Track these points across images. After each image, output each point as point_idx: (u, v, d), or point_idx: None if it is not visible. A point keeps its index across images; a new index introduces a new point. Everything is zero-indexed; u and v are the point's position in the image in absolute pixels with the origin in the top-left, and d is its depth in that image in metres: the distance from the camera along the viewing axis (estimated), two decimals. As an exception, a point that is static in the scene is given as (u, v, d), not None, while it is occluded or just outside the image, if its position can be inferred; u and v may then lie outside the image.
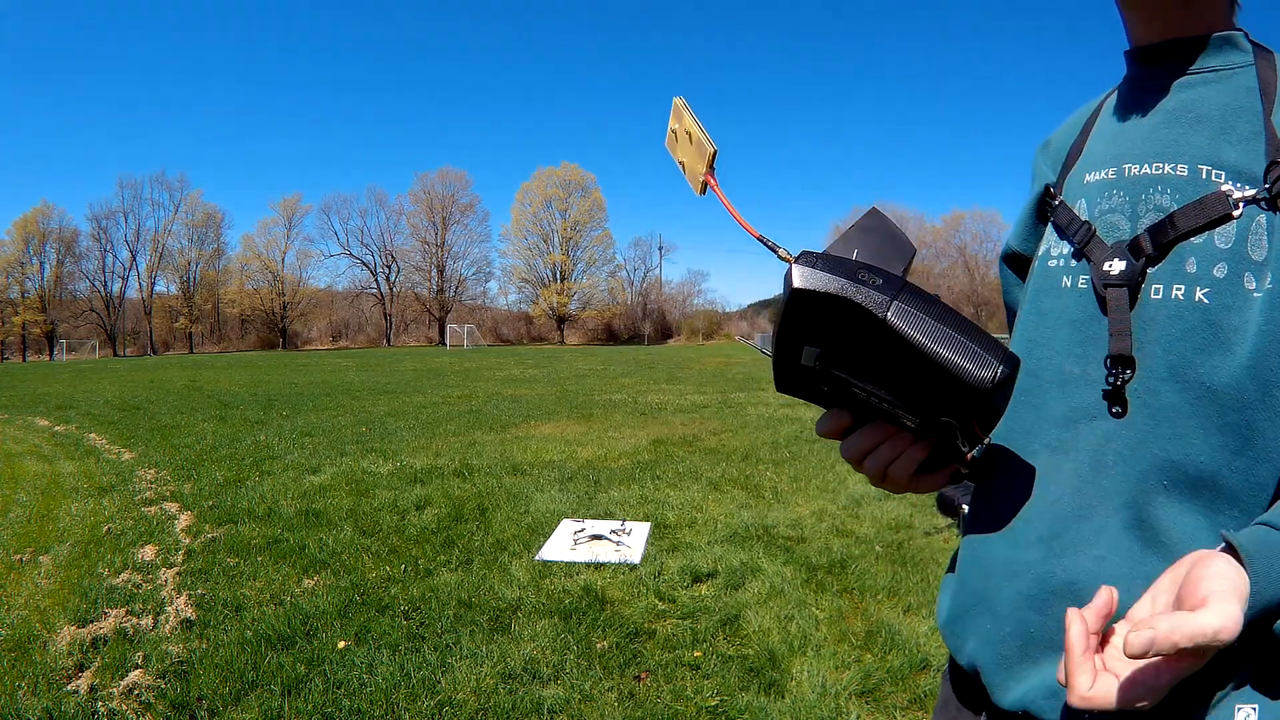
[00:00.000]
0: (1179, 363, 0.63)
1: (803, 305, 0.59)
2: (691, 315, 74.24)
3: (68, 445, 7.83)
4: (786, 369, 0.65)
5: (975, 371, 0.57)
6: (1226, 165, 0.65)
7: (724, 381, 16.11)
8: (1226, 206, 0.63)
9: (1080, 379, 0.69)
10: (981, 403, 0.58)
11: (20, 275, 54.81)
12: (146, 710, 2.34)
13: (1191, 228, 0.64)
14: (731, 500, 5.04)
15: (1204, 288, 0.63)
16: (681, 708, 2.36)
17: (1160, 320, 0.65)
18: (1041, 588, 0.66)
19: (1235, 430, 0.61)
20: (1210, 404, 0.61)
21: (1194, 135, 0.68)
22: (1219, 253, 0.63)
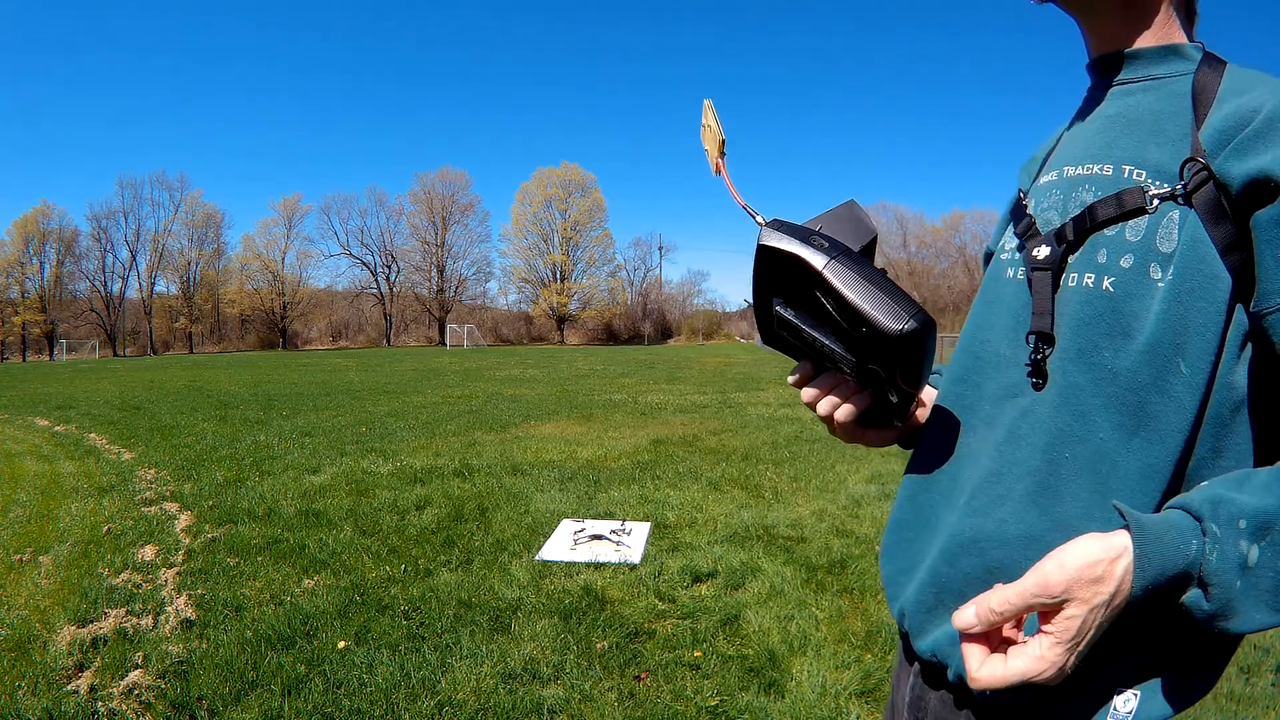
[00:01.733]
0: (1085, 345, 0.68)
1: (765, 260, 0.72)
2: (691, 315, 74.22)
3: (68, 445, 7.82)
4: (764, 320, 0.77)
5: (886, 320, 0.66)
6: (1149, 164, 0.69)
7: (724, 381, 16.11)
8: (1142, 201, 0.67)
9: (1010, 360, 0.74)
10: (894, 350, 0.67)
11: (20, 275, 54.78)
12: (146, 710, 2.34)
13: (1107, 218, 0.69)
14: (731, 500, 5.04)
15: (1111, 276, 0.67)
16: (681, 708, 2.36)
17: (1072, 305, 0.69)
18: (953, 543, 0.72)
19: (1132, 412, 0.65)
20: (1110, 386, 0.66)
21: (1124, 138, 0.73)
22: (1128, 245, 0.67)
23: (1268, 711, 2.37)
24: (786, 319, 0.74)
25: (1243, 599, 0.55)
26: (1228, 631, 0.56)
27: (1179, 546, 0.57)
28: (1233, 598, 0.55)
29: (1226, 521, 0.56)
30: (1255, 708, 2.38)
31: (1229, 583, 0.55)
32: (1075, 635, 0.57)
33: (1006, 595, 0.59)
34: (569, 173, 66.13)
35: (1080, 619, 0.57)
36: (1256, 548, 0.55)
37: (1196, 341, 0.63)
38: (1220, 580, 0.55)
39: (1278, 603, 0.55)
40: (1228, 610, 0.56)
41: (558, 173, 66.09)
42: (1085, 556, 0.57)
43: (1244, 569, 0.55)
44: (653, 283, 73.14)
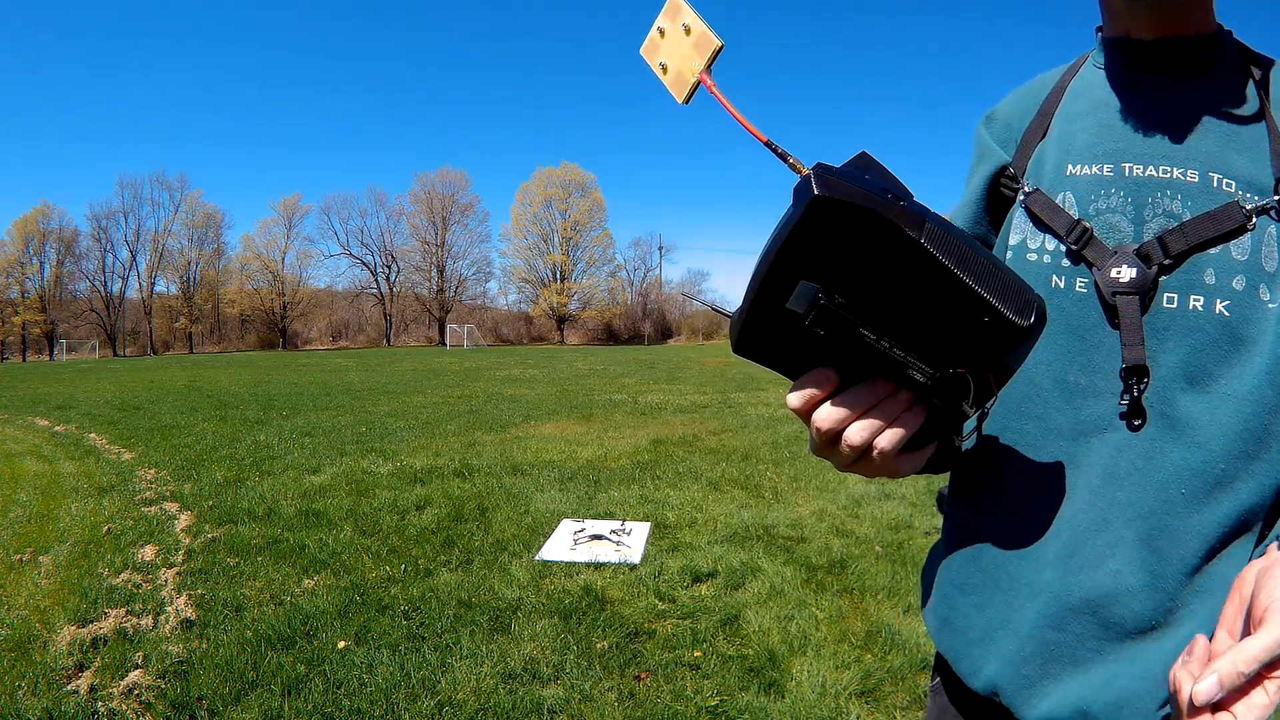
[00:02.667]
0: (1198, 373, 0.62)
1: (819, 221, 0.48)
2: (691, 315, 74.20)
3: (68, 445, 7.82)
4: (761, 316, 0.54)
5: (1015, 308, 0.50)
6: (1236, 174, 0.64)
7: (724, 381, 16.10)
8: (1241, 218, 0.62)
9: (1088, 390, 0.66)
10: (1008, 344, 0.52)
11: (20, 275, 54.81)
12: (146, 710, 2.34)
13: (1207, 238, 0.63)
14: (731, 500, 5.04)
15: (1224, 300, 0.62)
16: (681, 708, 2.36)
17: (1177, 330, 0.63)
18: (1060, 606, 0.65)
19: (1255, 435, 0.61)
20: (1232, 411, 0.61)
21: (1201, 140, 0.66)
22: (1237, 265, 0.62)
23: (1268, 711, 2.37)
24: (835, 312, 0.51)
25: None
26: None
27: None
28: None
29: None
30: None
31: None
32: None
33: (1252, 653, 0.46)
34: (569, 173, 66.17)
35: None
36: None
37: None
38: None
39: None
40: None
41: (558, 173, 66.12)
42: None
43: None
44: (652, 283, 73.17)
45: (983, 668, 0.70)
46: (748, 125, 0.59)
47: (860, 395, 0.56)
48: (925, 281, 0.50)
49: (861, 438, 0.57)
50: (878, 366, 0.55)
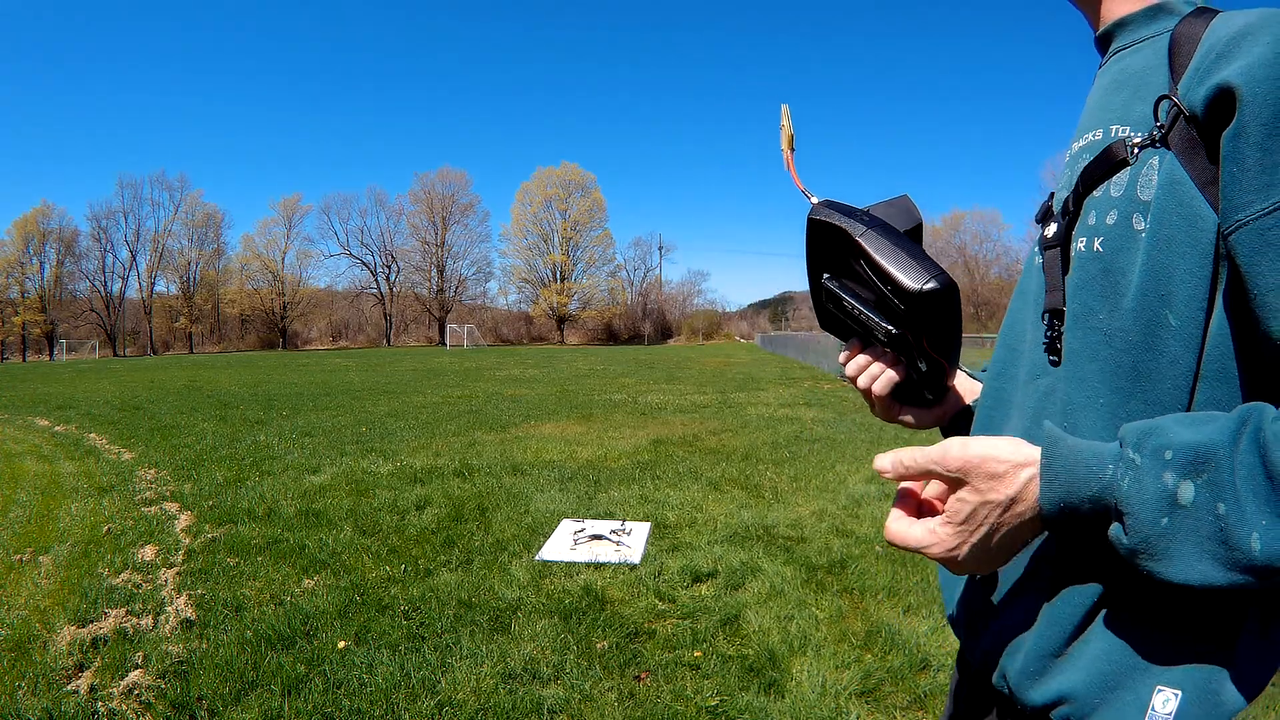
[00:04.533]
0: (1081, 310, 0.66)
1: (814, 233, 0.78)
2: (691, 315, 74.21)
3: (68, 445, 7.82)
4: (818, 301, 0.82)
5: (907, 278, 0.70)
6: (1133, 119, 0.66)
7: (724, 381, 16.10)
8: (1124, 153, 0.65)
9: (1034, 341, 0.73)
10: (918, 310, 0.71)
11: (20, 275, 54.82)
12: (146, 710, 2.34)
13: (1095, 180, 0.67)
14: (731, 500, 5.04)
15: (1100, 236, 0.65)
16: (681, 708, 2.36)
17: (1072, 274, 0.68)
18: None
19: (1126, 373, 0.63)
20: (1105, 349, 0.64)
21: (1113, 100, 0.71)
22: (1113, 200, 0.65)
23: (1268, 712, 2.36)
24: (831, 290, 0.78)
25: (1173, 541, 0.51)
26: (1165, 577, 0.52)
27: (1092, 468, 0.55)
28: (1156, 535, 0.52)
29: (1151, 451, 0.53)
30: (1255, 708, 2.38)
31: (1148, 518, 0.52)
32: (965, 522, 0.59)
33: (915, 454, 0.62)
34: (569, 173, 66.18)
35: (971, 507, 0.59)
36: (1191, 485, 0.51)
37: (1183, 289, 0.59)
38: (1136, 512, 0.52)
39: (1224, 555, 0.50)
40: (1152, 550, 0.52)
41: (558, 173, 66.13)
42: (991, 449, 0.59)
43: (1171, 505, 0.51)
44: (652, 283, 73.14)
45: (948, 606, 0.81)
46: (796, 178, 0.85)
47: (866, 356, 0.80)
48: (865, 263, 0.73)
49: (863, 383, 0.81)
50: (865, 331, 0.78)
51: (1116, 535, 0.54)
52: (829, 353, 18.06)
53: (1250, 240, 0.55)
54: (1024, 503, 0.58)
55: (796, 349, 26.14)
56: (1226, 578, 0.50)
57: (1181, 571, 0.52)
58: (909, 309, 0.71)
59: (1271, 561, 0.48)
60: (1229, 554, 0.50)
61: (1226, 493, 0.50)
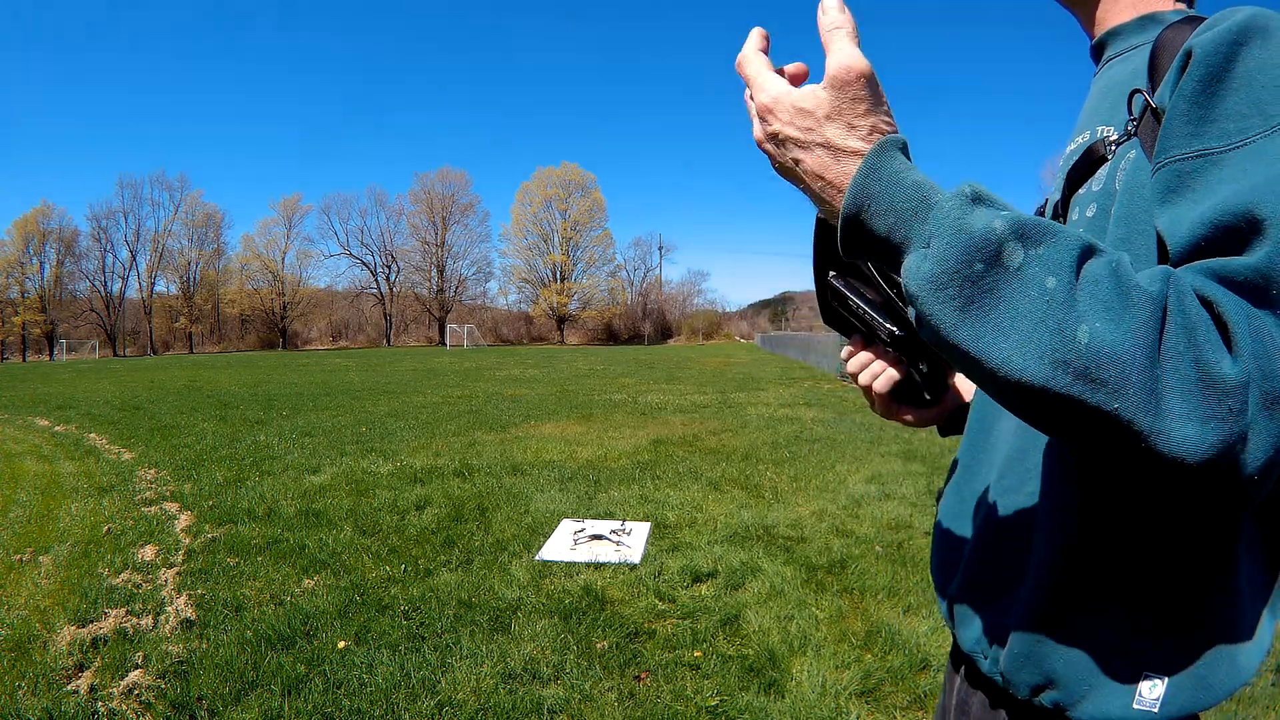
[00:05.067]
0: None
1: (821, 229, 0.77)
2: (691, 315, 74.22)
3: (68, 445, 7.82)
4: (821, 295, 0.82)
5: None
6: (1116, 121, 0.68)
7: (724, 381, 16.10)
8: (1101, 151, 0.67)
9: None
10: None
11: (20, 275, 54.82)
12: (146, 710, 2.34)
13: (1079, 178, 0.69)
14: (731, 500, 5.04)
15: (1081, 229, 0.66)
16: (681, 708, 2.36)
17: None
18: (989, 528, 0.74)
19: None
20: None
21: (1101, 105, 0.73)
22: (1092, 195, 0.66)
23: (1268, 712, 2.37)
24: (836, 287, 0.78)
25: (985, 298, 0.47)
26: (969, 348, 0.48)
27: (922, 187, 0.51)
28: (963, 281, 0.47)
29: (991, 203, 0.50)
30: (1255, 708, 2.38)
31: (960, 251, 0.47)
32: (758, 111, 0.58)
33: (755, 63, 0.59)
34: (569, 173, 66.17)
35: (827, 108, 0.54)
36: (1020, 249, 0.47)
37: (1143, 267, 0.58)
38: (948, 238, 0.48)
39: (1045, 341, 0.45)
40: (955, 299, 0.47)
41: (558, 173, 66.12)
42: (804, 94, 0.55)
43: (994, 256, 0.47)
44: (652, 283, 73.15)
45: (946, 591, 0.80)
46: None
47: (869, 354, 0.79)
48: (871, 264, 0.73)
49: (864, 380, 0.79)
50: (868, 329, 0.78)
51: (915, 267, 0.49)
52: (829, 353, 18.06)
53: (1164, 179, 0.55)
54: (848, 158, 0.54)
55: (796, 349, 26.15)
56: (1041, 370, 0.45)
57: (990, 343, 0.47)
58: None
59: (1097, 357, 0.44)
60: (1051, 339, 0.45)
61: (1062, 272, 0.46)
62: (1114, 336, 0.44)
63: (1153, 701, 0.61)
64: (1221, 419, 0.44)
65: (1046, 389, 0.46)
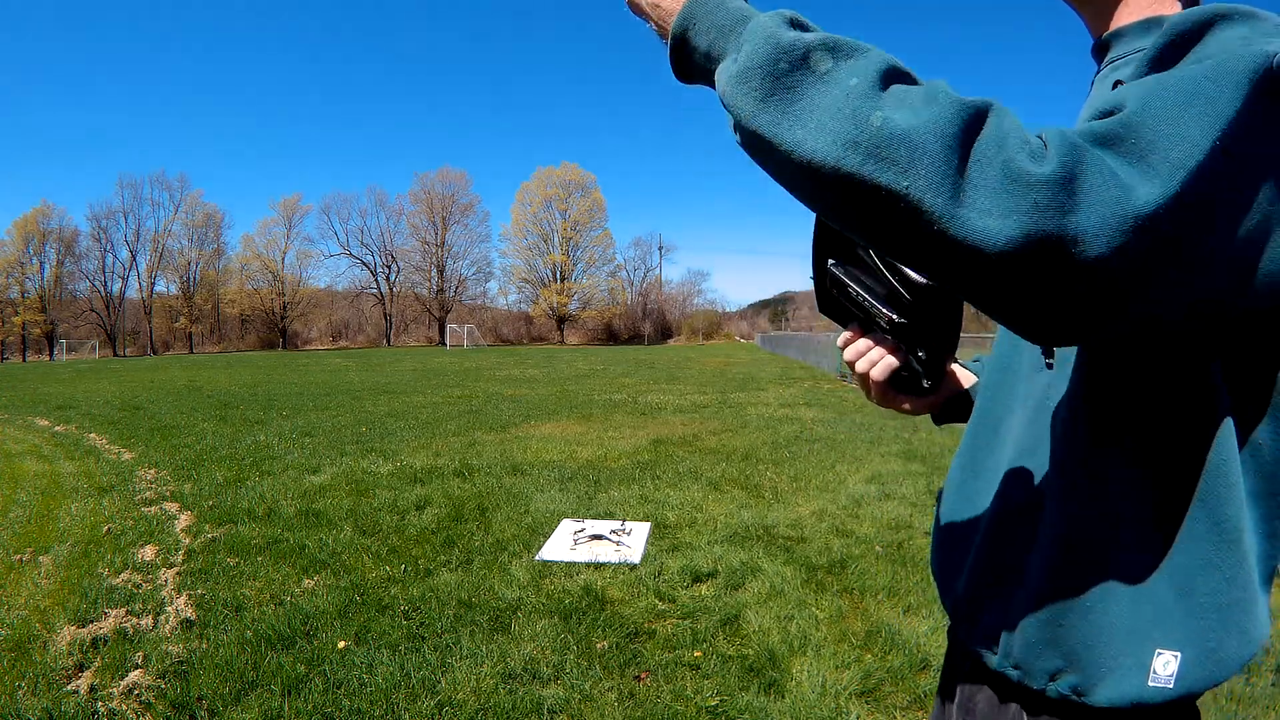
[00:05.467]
0: None
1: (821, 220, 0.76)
2: (691, 315, 74.20)
3: (68, 445, 7.82)
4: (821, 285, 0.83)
5: (915, 271, 0.71)
6: None
7: (724, 381, 16.10)
8: None
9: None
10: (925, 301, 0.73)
11: (20, 275, 54.80)
12: (146, 710, 2.34)
13: None
14: (731, 500, 5.04)
15: None
16: (681, 708, 2.36)
17: None
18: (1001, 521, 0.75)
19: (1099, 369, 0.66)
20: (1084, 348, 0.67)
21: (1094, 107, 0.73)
22: None
23: (1268, 712, 2.36)
24: (836, 275, 0.79)
25: (794, 95, 0.51)
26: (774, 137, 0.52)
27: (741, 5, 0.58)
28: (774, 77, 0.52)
29: (808, 22, 0.57)
30: (1255, 708, 2.38)
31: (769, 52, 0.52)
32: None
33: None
34: (569, 173, 66.16)
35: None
36: (829, 58, 0.52)
37: None
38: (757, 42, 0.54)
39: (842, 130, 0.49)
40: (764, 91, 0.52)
41: (558, 173, 66.10)
42: None
43: (802, 59, 0.52)
44: (652, 283, 73.14)
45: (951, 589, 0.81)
46: None
47: (867, 341, 0.81)
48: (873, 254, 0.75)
49: (862, 368, 0.81)
50: (867, 317, 0.79)
51: (724, 70, 0.55)
52: (829, 353, 18.06)
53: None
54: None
55: (796, 349, 26.15)
56: (833, 151, 0.49)
57: (786, 128, 0.51)
58: (915, 301, 0.73)
59: (888, 138, 0.48)
60: (844, 125, 0.49)
61: (867, 76, 0.50)
62: (908, 123, 0.48)
63: (1167, 678, 0.62)
64: (1024, 213, 0.46)
65: (837, 169, 0.49)
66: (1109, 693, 0.64)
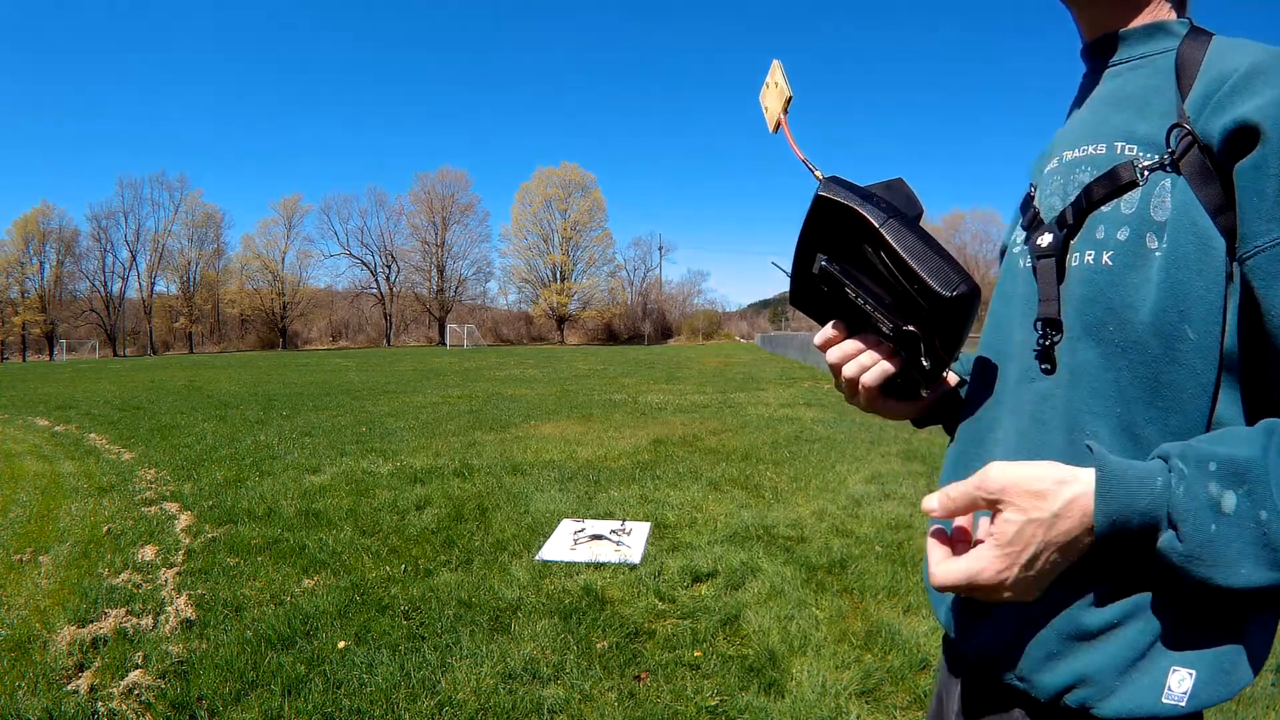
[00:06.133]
0: (1091, 322, 0.68)
1: (821, 211, 0.73)
2: (691, 315, 74.20)
3: (68, 445, 7.82)
4: (801, 277, 0.78)
5: (938, 282, 0.67)
6: (1139, 138, 0.69)
7: (724, 381, 16.10)
8: (1133, 174, 0.67)
9: (1025, 345, 0.75)
10: (941, 314, 0.69)
11: (20, 275, 54.80)
12: (146, 710, 2.34)
13: (1102, 196, 0.69)
14: (731, 500, 5.04)
15: (1109, 251, 0.67)
16: (681, 708, 2.36)
17: (1074, 284, 0.70)
18: None
19: (1146, 384, 0.65)
20: (1120, 359, 0.66)
21: (1115, 116, 0.73)
22: (1124, 217, 0.67)
23: (1268, 712, 2.36)
24: (831, 273, 0.74)
25: (1223, 546, 0.54)
26: (1216, 583, 0.55)
27: (1144, 481, 0.58)
28: (1208, 541, 0.55)
29: (1195, 462, 0.57)
30: (1255, 708, 2.38)
31: (1201, 524, 0.55)
32: (1012, 543, 0.59)
33: (959, 485, 0.63)
34: (569, 173, 66.14)
35: (1016, 526, 0.59)
36: (1232, 494, 0.55)
37: (1199, 306, 0.62)
38: (1190, 519, 0.55)
39: (1267, 558, 0.54)
40: (1205, 555, 0.55)
41: (558, 173, 66.09)
42: (1031, 469, 0.60)
43: (1217, 512, 0.55)
44: (653, 283, 73.13)
45: (943, 599, 0.80)
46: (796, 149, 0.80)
47: (856, 343, 0.78)
48: (885, 257, 0.70)
49: (851, 373, 0.78)
50: (863, 319, 0.75)
51: (1169, 544, 0.57)
52: (829, 353, 18.02)
53: (1266, 266, 0.59)
54: (1069, 519, 0.59)
55: (796, 349, 26.14)
56: (1269, 578, 0.54)
57: (1233, 577, 0.55)
58: (934, 311, 0.69)
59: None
60: (1272, 556, 0.53)
61: (1265, 501, 0.54)
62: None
63: (1181, 695, 0.62)
64: None
65: (1273, 585, 0.55)
66: (1119, 706, 0.64)
